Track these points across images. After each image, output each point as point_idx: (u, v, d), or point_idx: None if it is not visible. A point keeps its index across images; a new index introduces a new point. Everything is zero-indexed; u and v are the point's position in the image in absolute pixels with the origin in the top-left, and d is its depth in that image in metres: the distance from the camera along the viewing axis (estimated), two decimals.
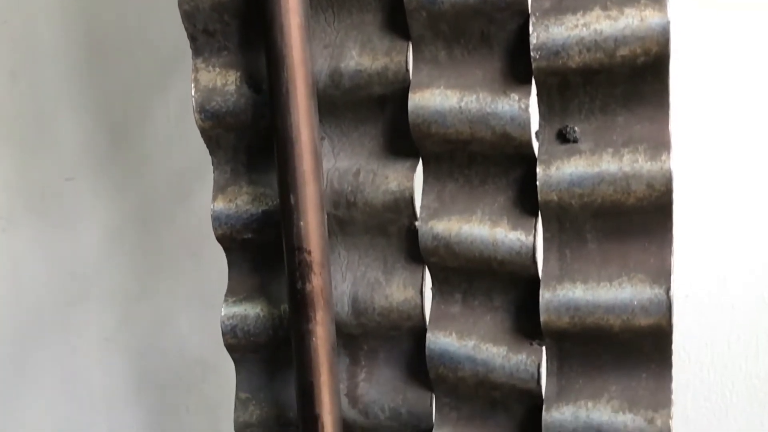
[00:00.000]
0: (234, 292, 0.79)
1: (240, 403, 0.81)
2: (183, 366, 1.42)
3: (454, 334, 0.71)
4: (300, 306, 0.70)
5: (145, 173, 1.37)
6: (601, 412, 0.66)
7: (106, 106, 1.36)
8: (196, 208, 1.36)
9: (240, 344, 0.79)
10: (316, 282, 0.70)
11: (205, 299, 1.38)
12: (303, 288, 0.70)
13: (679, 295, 0.98)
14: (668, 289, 0.62)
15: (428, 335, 0.72)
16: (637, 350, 0.65)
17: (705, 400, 1.00)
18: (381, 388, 0.76)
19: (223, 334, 0.79)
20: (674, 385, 0.64)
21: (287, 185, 0.68)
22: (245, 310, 0.78)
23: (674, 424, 0.65)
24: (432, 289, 0.74)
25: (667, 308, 0.62)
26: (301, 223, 0.69)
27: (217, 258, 0.88)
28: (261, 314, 0.78)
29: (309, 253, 0.69)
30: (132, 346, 1.43)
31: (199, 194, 1.35)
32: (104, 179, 1.40)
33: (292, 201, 0.68)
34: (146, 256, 1.40)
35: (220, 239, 0.78)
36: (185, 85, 1.31)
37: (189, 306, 1.39)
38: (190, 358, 1.42)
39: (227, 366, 1.36)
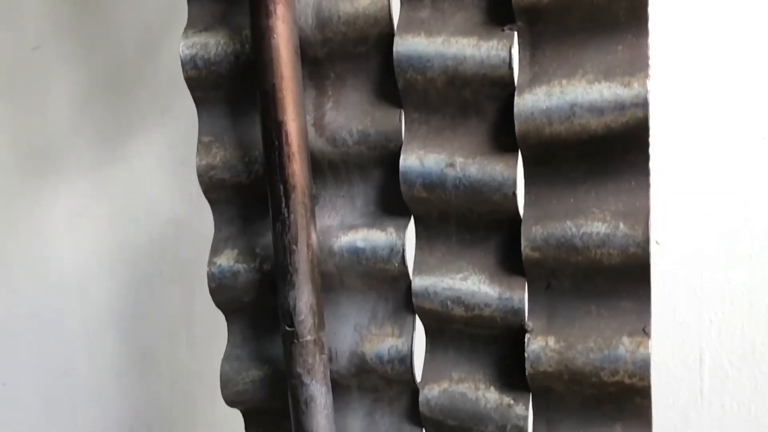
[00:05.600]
0: (194, 25, 0.76)
1: (203, 147, 0.78)
2: (156, 229, 1.38)
3: (422, 34, 0.68)
4: None
5: (113, 32, 1.33)
6: (575, 86, 0.63)
7: None
8: (166, 61, 1.32)
9: (201, 77, 0.75)
10: None
11: (176, 156, 1.34)
12: None
13: None
14: None
15: (396, 39, 0.69)
16: (612, 20, 0.62)
17: None
18: (348, 113, 0.73)
19: (183, 66, 0.76)
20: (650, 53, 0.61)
21: None
22: (205, 39, 0.75)
23: None
24: None
25: None
26: None
27: (188, 111, 0.82)
28: (222, 41, 0.74)
29: None
30: (103, 217, 1.39)
31: (168, 46, 1.31)
32: (71, 44, 1.35)
33: None
34: (116, 119, 1.36)
35: None
36: None
37: (160, 165, 1.35)
38: (163, 219, 1.37)
39: (200, 222, 1.31)
